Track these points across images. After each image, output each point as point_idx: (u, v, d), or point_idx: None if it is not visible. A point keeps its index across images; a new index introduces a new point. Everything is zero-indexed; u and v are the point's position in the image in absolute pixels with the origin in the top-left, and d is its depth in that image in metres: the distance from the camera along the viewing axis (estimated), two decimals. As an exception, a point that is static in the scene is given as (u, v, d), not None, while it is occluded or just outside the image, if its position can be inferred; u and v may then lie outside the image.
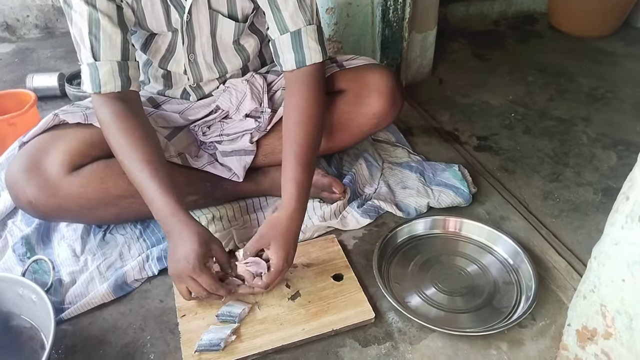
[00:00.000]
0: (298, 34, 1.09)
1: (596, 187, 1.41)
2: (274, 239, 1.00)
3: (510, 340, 0.99)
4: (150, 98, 1.29)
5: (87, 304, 1.05)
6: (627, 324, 0.73)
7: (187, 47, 1.18)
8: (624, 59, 2.13)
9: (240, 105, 1.25)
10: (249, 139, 1.25)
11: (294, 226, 1.03)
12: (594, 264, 0.77)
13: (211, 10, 1.13)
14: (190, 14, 1.12)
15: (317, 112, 1.10)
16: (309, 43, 1.09)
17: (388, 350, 0.97)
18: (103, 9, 1.02)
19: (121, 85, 1.05)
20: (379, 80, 1.21)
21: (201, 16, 1.13)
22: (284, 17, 1.08)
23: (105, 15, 1.02)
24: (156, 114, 1.25)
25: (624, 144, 1.59)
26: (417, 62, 1.91)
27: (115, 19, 1.04)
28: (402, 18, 1.67)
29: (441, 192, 1.30)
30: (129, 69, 1.06)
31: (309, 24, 1.09)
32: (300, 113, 1.08)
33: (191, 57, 1.20)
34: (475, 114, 1.77)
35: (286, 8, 1.08)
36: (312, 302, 1.04)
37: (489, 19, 2.50)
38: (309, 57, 1.10)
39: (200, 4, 1.11)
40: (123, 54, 1.05)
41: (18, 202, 1.12)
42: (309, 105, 1.09)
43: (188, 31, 1.15)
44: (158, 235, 1.20)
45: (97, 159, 1.14)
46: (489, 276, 1.12)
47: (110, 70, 1.04)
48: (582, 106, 1.80)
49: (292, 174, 1.04)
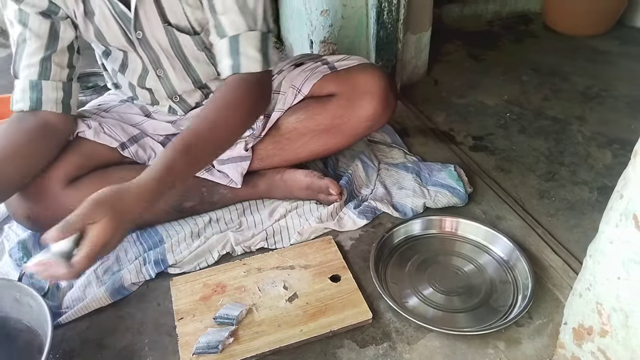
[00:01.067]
0: (236, 40, 1.01)
1: (592, 186, 1.41)
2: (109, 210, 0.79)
3: (507, 339, 0.99)
4: (143, 107, 1.30)
5: (84, 308, 1.05)
6: (622, 322, 0.73)
7: (152, 63, 1.16)
8: (618, 58, 2.13)
9: None
10: (243, 146, 1.25)
11: (131, 210, 0.82)
12: (590, 262, 0.78)
13: (166, 24, 1.10)
14: (142, 31, 1.10)
15: (232, 124, 0.99)
16: (247, 50, 1.01)
17: (386, 350, 0.98)
18: (34, 28, 1.04)
19: (29, 105, 1.05)
20: (370, 81, 1.20)
21: (156, 31, 1.11)
22: (222, 22, 1.02)
23: (33, 35, 1.04)
24: (147, 123, 1.26)
25: (619, 142, 1.59)
26: (412, 63, 1.91)
27: (43, 41, 1.05)
28: (396, 19, 1.67)
29: (437, 192, 1.30)
30: (42, 89, 1.06)
31: (250, 29, 1.01)
32: (218, 113, 0.98)
33: (159, 72, 1.19)
34: (470, 114, 1.78)
35: (224, 12, 1.01)
36: (310, 304, 1.05)
37: (484, 19, 2.51)
38: (245, 65, 1.01)
39: (152, 20, 1.08)
40: (40, 73, 1.05)
41: (16, 216, 1.12)
42: (228, 114, 0.99)
43: (145, 47, 1.13)
44: (155, 238, 1.20)
45: (93, 169, 1.14)
46: (485, 275, 1.12)
47: (22, 89, 1.05)
48: (577, 105, 1.80)
49: (170, 154, 0.89)
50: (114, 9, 1.06)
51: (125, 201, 0.81)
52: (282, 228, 1.24)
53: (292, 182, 1.28)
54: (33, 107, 1.06)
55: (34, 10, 1.03)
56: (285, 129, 1.24)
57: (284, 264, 1.14)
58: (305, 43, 1.81)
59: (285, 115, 1.24)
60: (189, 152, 0.91)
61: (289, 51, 2.10)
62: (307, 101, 1.24)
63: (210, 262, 1.16)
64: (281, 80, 1.27)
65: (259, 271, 1.12)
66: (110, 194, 0.81)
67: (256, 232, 1.23)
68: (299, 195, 1.29)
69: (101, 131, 1.18)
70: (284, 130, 1.24)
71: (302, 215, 1.27)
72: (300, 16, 1.82)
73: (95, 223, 0.78)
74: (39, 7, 1.03)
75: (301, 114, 1.23)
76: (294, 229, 1.23)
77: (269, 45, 1.04)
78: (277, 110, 1.24)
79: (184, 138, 0.93)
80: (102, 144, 1.17)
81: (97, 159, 1.15)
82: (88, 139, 1.15)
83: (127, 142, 1.21)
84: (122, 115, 1.26)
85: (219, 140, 0.98)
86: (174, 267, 1.14)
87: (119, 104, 1.30)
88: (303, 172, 1.28)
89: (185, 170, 0.92)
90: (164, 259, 1.14)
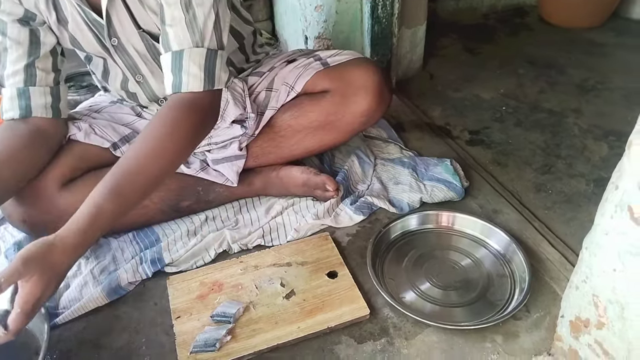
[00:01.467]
0: (179, 56, 0.95)
1: (588, 178, 1.41)
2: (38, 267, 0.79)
3: (504, 332, 0.99)
4: (134, 107, 1.29)
5: (81, 308, 1.05)
6: (618, 314, 0.73)
7: (130, 69, 1.15)
8: (614, 50, 2.13)
9: (225, 112, 1.23)
10: (237, 145, 1.24)
11: (61, 263, 0.82)
12: (586, 255, 0.78)
13: (141, 31, 1.07)
14: (117, 38, 1.08)
15: (167, 152, 0.92)
16: (189, 68, 0.95)
17: (383, 346, 0.98)
18: (13, 36, 1.02)
19: (19, 113, 1.05)
20: (364, 77, 1.19)
21: (132, 38, 1.08)
22: (169, 34, 0.96)
23: (14, 43, 1.03)
24: (139, 122, 1.26)
25: (615, 134, 1.59)
26: (407, 58, 1.90)
27: (24, 47, 1.04)
28: (391, 14, 1.67)
29: (434, 187, 1.30)
30: (30, 96, 1.05)
31: (197, 46, 0.96)
32: (151, 141, 0.92)
33: (138, 78, 1.17)
34: (466, 108, 1.77)
35: (172, 24, 0.95)
36: (307, 300, 1.04)
37: (479, 12, 2.50)
38: (186, 83, 0.95)
39: (126, 26, 1.06)
40: (26, 80, 1.04)
41: (11, 220, 1.12)
42: (163, 142, 0.92)
43: (121, 53, 1.12)
44: (151, 237, 1.20)
45: (87, 171, 1.14)
46: (482, 269, 1.12)
47: (10, 97, 1.04)
48: (573, 98, 1.80)
49: (97, 200, 0.85)
50: (87, 17, 1.04)
51: (55, 255, 0.81)
52: (278, 225, 1.24)
53: (288, 179, 1.27)
54: (23, 115, 1.05)
55: (11, 18, 1.02)
56: (279, 127, 1.24)
57: (280, 261, 1.14)
58: (300, 39, 1.80)
59: (278, 113, 1.23)
60: (118, 194, 0.86)
61: (283, 47, 2.10)
62: (300, 98, 1.23)
63: (207, 261, 1.16)
64: (273, 77, 1.26)
65: (255, 269, 1.12)
66: (38, 249, 0.80)
67: (253, 230, 1.22)
68: (295, 192, 1.29)
69: (92, 132, 1.18)
70: (278, 128, 1.24)
71: (299, 212, 1.27)
72: (295, 12, 1.81)
73: (26, 281, 0.79)
74: (15, 14, 1.02)
75: (295, 111, 1.23)
76: (291, 226, 1.23)
77: (217, 64, 0.98)
78: (270, 108, 1.23)
79: (111, 179, 0.87)
80: (94, 145, 1.17)
81: (90, 160, 1.15)
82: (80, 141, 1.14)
83: (118, 142, 1.20)
84: (113, 116, 1.26)
85: (152, 172, 0.91)
86: (171, 266, 1.14)
87: (109, 104, 1.29)
88: (299, 169, 1.27)
89: (114, 214, 0.86)
90: (161, 258, 1.14)
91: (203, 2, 0.95)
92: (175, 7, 0.95)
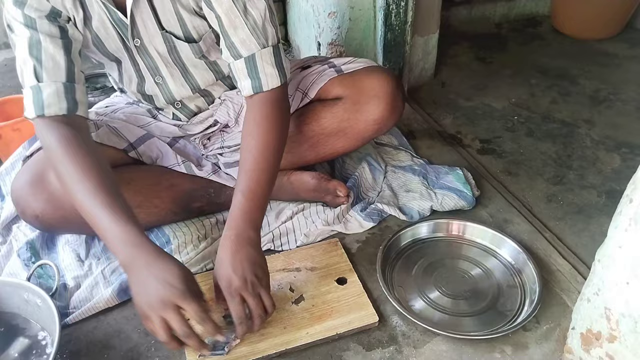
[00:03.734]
0: (252, 60, 1.04)
1: (600, 190, 1.40)
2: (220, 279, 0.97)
3: (514, 343, 0.99)
4: (149, 109, 1.30)
5: (91, 309, 1.06)
6: (632, 327, 0.73)
7: (150, 70, 1.15)
8: (627, 61, 2.12)
9: (239, 117, 1.24)
10: None
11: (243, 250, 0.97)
12: (598, 267, 0.77)
13: (164, 32, 1.08)
14: (140, 38, 1.08)
15: (272, 140, 1.05)
16: (264, 68, 1.04)
17: (392, 354, 0.97)
18: (44, 30, 0.99)
19: (67, 107, 0.98)
20: (377, 85, 1.19)
21: (154, 39, 1.09)
22: (235, 43, 1.03)
23: (47, 36, 0.99)
24: (154, 124, 1.26)
25: (628, 146, 1.58)
26: (419, 66, 1.91)
27: (58, 41, 1.00)
28: (404, 22, 1.67)
29: (444, 196, 1.30)
30: (75, 92, 1.00)
31: (264, 47, 1.04)
32: (253, 140, 1.04)
33: (157, 79, 1.17)
34: (478, 117, 1.77)
35: (236, 33, 1.03)
36: (316, 306, 1.04)
37: (491, 21, 2.50)
38: (266, 83, 1.05)
39: (149, 27, 1.06)
40: (68, 75, 1.00)
41: (24, 216, 1.13)
42: (263, 132, 1.04)
43: (143, 54, 1.12)
44: (162, 239, 1.21)
45: None
46: (492, 279, 1.12)
47: (55, 91, 0.98)
48: (585, 109, 1.79)
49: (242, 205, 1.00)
50: (112, 16, 1.05)
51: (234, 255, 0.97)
52: (288, 230, 1.24)
53: (299, 184, 1.28)
54: (70, 110, 0.99)
55: (38, 14, 0.99)
56: (292, 133, 1.24)
57: (290, 266, 1.14)
58: (313, 45, 1.81)
59: (291, 119, 1.24)
60: (252, 199, 1.01)
61: (296, 53, 2.11)
62: (313, 104, 1.24)
63: (216, 264, 1.16)
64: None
65: (265, 273, 1.12)
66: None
67: (262, 234, 1.22)
68: (306, 197, 1.30)
69: (108, 133, 1.19)
70: (290, 133, 1.23)
71: (309, 217, 1.27)
72: (308, 18, 1.82)
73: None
74: (43, 10, 1.00)
75: (307, 117, 1.23)
76: (301, 231, 1.23)
77: (282, 56, 1.07)
78: (283, 113, 1.24)
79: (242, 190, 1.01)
80: (110, 145, 1.18)
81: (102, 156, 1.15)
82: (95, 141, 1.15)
83: (134, 143, 1.21)
84: (129, 117, 1.27)
85: (269, 167, 1.04)
86: (181, 269, 1.14)
87: (125, 105, 1.30)
88: (310, 174, 1.28)
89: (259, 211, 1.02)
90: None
91: (256, 4, 1.02)
92: (232, 14, 1.01)
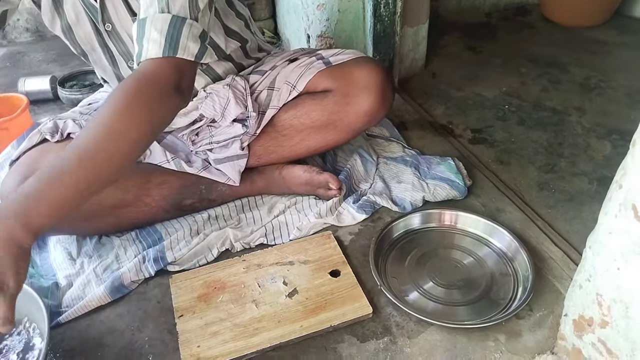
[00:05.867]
0: (143, 23, 0.89)
1: (591, 177, 1.41)
2: None
3: (507, 331, 0.99)
4: None
5: (84, 307, 1.05)
6: (622, 313, 0.73)
7: (123, 55, 1.13)
8: (617, 48, 2.12)
9: (225, 111, 1.22)
10: (239, 145, 1.23)
11: None
12: (589, 254, 0.78)
13: (134, 17, 1.04)
14: (111, 23, 1.06)
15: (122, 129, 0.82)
16: (150, 34, 0.87)
17: (386, 344, 0.98)
18: None
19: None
20: (367, 76, 1.18)
21: (126, 23, 1.06)
22: (140, 4, 0.90)
23: None
24: None
25: (618, 133, 1.59)
26: (409, 57, 1.90)
27: None
28: (393, 12, 1.66)
29: (436, 186, 1.30)
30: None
31: (162, 12, 0.88)
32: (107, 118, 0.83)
33: (130, 64, 1.14)
34: (469, 106, 1.77)
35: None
36: (310, 299, 1.04)
37: (481, 11, 2.50)
38: (145, 50, 0.87)
39: (120, 12, 1.03)
40: None
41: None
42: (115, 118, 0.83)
43: (115, 39, 1.10)
44: (154, 236, 1.20)
45: None
46: (485, 268, 1.12)
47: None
48: (576, 96, 1.80)
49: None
50: (83, 1, 1.04)
51: None
52: (281, 224, 1.24)
53: (290, 177, 1.27)
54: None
55: None
56: (281, 127, 1.23)
57: (283, 260, 1.14)
58: (302, 38, 1.80)
59: (280, 112, 1.23)
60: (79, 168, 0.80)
61: (285, 46, 2.10)
62: (302, 97, 1.23)
63: (209, 259, 1.16)
64: (275, 76, 1.26)
65: (258, 267, 1.12)
66: None
67: (255, 229, 1.22)
68: (298, 191, 1.29)
69: None
70: (280, 127, 1.23)
71: (301, 211, 1.27)
72: (297, 10, 1.81)
73: None
74: None
75: (297, 111, 1.22)
76: (293, 225, 1.23)
77: (184, 32, 0.89)
78: (271, 107, 1.23)
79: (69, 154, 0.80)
80: None
81: None
82: None
83: None
84: None
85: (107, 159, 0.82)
86: (174, 265, 1.14)
87: None
88: (302, 168, 1.27)
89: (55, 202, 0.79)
90: (163, 256, 1.14)
91: None
92: None
